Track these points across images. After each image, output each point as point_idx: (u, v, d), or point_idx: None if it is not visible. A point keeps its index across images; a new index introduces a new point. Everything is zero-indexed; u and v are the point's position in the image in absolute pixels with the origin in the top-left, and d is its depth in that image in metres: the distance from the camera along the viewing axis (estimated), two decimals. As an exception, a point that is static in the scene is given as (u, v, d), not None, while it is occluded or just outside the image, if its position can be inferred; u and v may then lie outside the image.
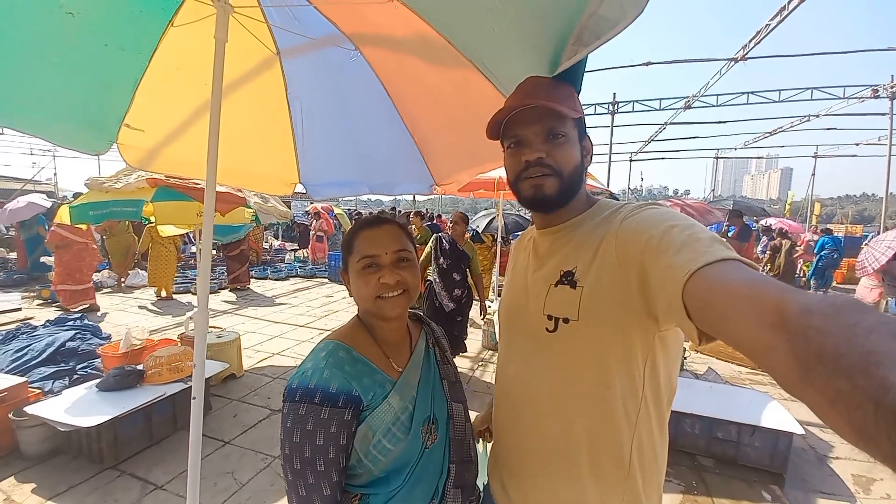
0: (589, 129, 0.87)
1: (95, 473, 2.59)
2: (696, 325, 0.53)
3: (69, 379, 3.58)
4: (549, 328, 0.79)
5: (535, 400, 0.84)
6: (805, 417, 3.07)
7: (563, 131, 0.79)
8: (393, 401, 0.81)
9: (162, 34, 1.36)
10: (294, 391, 0.76)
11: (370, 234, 0.86)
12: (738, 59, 10.02)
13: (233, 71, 1.49)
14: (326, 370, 0.77)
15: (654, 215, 0.70)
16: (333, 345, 0.83)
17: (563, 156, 0.79)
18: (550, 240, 0.87)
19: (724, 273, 0.51)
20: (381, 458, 0.79)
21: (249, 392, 3.77)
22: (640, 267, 0.65)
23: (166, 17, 1.32)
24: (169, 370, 3.11)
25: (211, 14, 1.22)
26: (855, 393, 0.31)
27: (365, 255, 0.83)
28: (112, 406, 2.70)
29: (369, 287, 0.82)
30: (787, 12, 7.25)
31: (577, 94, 0.88)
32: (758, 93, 13.66)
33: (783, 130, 16.68)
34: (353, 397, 0.76)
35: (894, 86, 10.83)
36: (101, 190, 3.93)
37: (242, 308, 6.88)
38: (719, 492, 2.56)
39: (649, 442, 0.77)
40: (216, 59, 1.22)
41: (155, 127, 1.68)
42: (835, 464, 2.87)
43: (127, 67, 1.42)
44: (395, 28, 1.31)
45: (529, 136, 0.80)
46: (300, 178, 2.07)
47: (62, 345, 3.93)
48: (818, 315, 0.36)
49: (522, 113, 0.80)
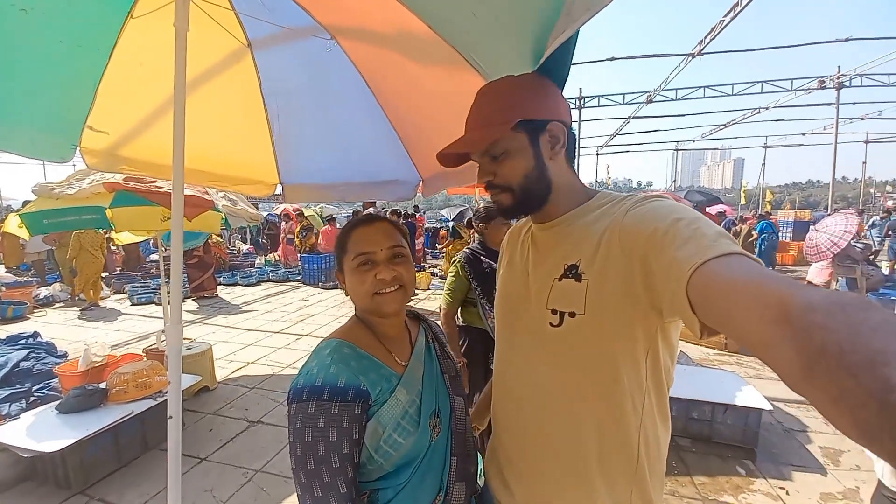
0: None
1: (63, 499, 2.42)
2: (700, 319, 0.53)
3: (26, 401, 3.34)
4: (553, 323, 0.78)
5: (540, 395, 0.82)
6: (771, 394, 3.26)
7: (501, 150, 0.80)
8: (400, 395, 0.81)
9: (121, 27, 1.26)
10: (301, 391, 0.75)
11: (363, 232, 0.86)
12: (694, 55, 10.46)
13: (200, 64, 1.40)
14: (333, 366, 0.77)
15: (659, 208, 0.69)
16: (337, 342, 0.82)
17: (507, 172, 0.81)
18: (550, 233, 0.86)
19: (729, 267, 0.51)
20: (393, 453, 0.78)
21: (225, 404, 3.62)
22: (644, 259, 0.65)
23: (125, 8, 1.22)
24: (135, 387, 2.94)
25: (171, 1, 1.13)
26: (859, 391, 0.30)
27: (360, 253, 0.83)
28: (75, 428, 2.53)
29: (366, 284, 0.82)
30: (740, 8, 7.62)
31: (555, 82, 0.86)
32: (713, 87, 14.36)
33: (736, 123, 17.61)
34: (361, 391, 0.76)
35: (840, 76, 11.60)
36: (52, 196, 3.63)
37: (211, 317, 6.59)
38: (697, 469, 2.67)
39: (654, 434, 0.78)
40: (177, 49, 1.13)
41: (119, 128, 1.57)
42: (801, 437, 3.05)
43: (86, 65, 1.32)
44: (373, 15, 1.26)
45: (478, 160, 0.85)
46: (280, 179, 1.99)
47: (15, 365, 3.66)
48: (822, 312, 0.36)
49: (458, 146, 0.84)
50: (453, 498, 0.84)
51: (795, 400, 3.59)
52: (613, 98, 15.75)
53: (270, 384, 4.03)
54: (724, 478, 2.59)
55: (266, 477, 2.63)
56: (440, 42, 1.16)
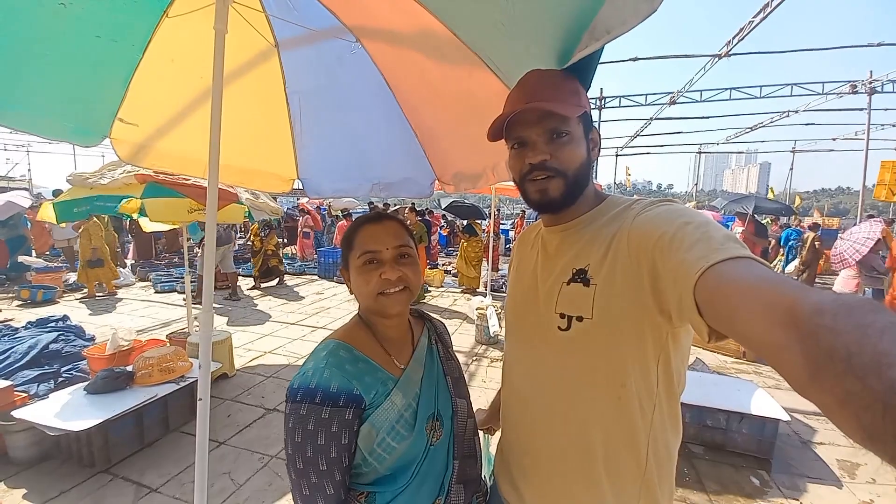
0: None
1: (87, 478, 2.53)
2: (707, 323, 0.53)
3: (54, 382, 3.49)
4: (561, 326, 0.78)
5: (547, 398, 0.83)
6: (789, 404, 3.19)
7: (567, 130, 0.77)
8: (396, 398, 0.81)
9: (156, 25, 1.32)
10: (296, 391, 0.75)
11: (370, 230, 0.85)
12: (721, 56, 10.18)
13: (229, 63, 1.45)
14: (327, 370, 0.77)
15: (668, 212, 0.69)
16: (334, 344, 0.82)
17: (567, 156, 0.77)
18: (560, 237, 0.85)
19: (737, 270, 0.51)
20: (387, 457, 0.78)
21: (242, 391, 3.73)
22: (652, 263, 0.65)
23: (161, 8, 1.28)
24: (160, 371, 3.05)
25: (209, 4, 1.18)
26: (865, 393, 0.31)
27: (366, 251, 0.83)
28: (101, 409, 2.64)
29: (370, 284, 0.82)
30: (769, 9, 7.39)
31: (583, 87, 0.86)
32: (740, 88, 13.94)
33: (763, 126, 17.06)
34: (354, 396, 0.76)
35: (873, 81, 11.14)
36: (85, 186, 3.80)
37: (230, 307, 6.77)
38: (709, 477, 2.63)
39: (664, 439, 0.77)
40: (216, 51, 1.18)
41: (148, 121, 1.63)
42: (819, 449, 2.97)
43: (120, 60, 1.37)
44: (399, 20, 1.29)
45: (532, 136, 0.78)
46: (298, 175, 2.04)
47: (45, 347, 3.81)
48: (830, 314, 0.36)
49: (524, 112, 0.77)
50: (452, 500, 0.85)
51: (814, 411, 3.49)
52: (635, 98, 15.46)
53: (286, 374, 4.13)
54: (737, 487, 2.55)
55: (280, 463, 2.71)
56: (460, 45, 1.18)
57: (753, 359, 4.67)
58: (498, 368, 4.31)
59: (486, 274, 7.64)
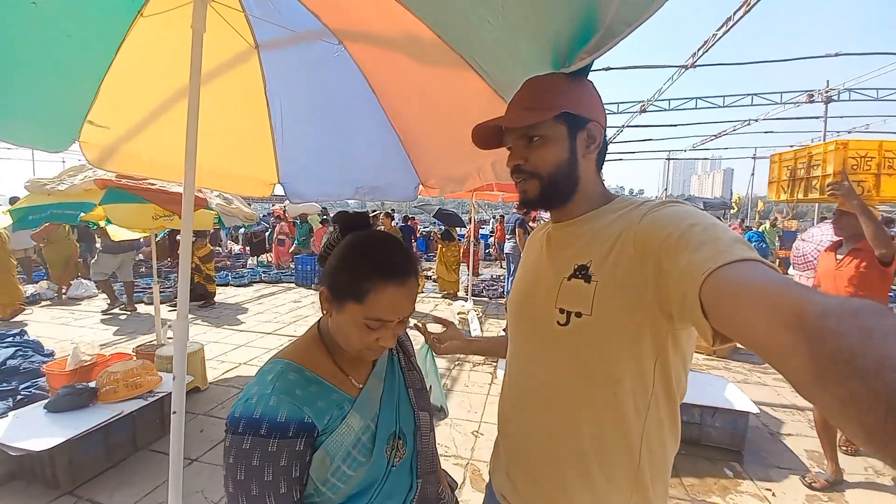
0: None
1: (52, 499, 2.38)
2: (712, 325, 0.53)
3: (13, 400, 3.27)
4: (560, 321, 0.78)
5: (542, 392, 0.83)
6: (757, 398, 3.32)
7: (538, 133, 0.80)
8: (352, 421, 0.76)
9: (130, 24, 1.27)
10: (237, 421, 0.67)
11: (393, 295, 0.73)
12: (688, 66, 10.64)
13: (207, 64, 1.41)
14: (273, 396, 0.69)
15: (676, 213, 0.69)
16: (282, 366, 0.75)
17: (538, 159, 0.80)
18: (564, 233, 0.86)
19: (743, 273, 0.51)
20: (342, 486, 0.73)
21: (216, 405, 3.58)
22: (657, 263, 0.65)
23: (135, 7, 1.23)
24: (126, 386, 2.89)
25: (186, 3, 1.15)
26: (868, 395, 0.31)
27: (378, 318, 0.73)
28: (64, 427, 2.48)
29: (364, 341, 0.75)
30: (732, 23, 7.79)
31: (578, 80, 0.84)
32: (705, 98, 14.62)
33: (726, 133, 17.91)
34: (305, 424, 0.69)
35: (829, 90, 11.85)
36: (43, 192, 3.59)
37: (202, 317, 6.52)
38: (687, 471, 2.71)
39: (658, 439, 0.78)
40: (194, 51, 1.15)
41: (120, 124, 1.57)
42: (787, 440, 3.11)
43: (91, 60, 1.32)
44: (383, 23, 1.28)
45: (510, 142, 0.85)
46: (279, 179, 1.99)
47: (2, 363, 3.59)
48: (834, 317, 0.36)
49: (499, 121, 0.83)
50: None
51: (781, 404, 3.66)
52: (608, 107, 15.86)
53: (263, 385, 4.00)
54: (713, 479, 2.64)
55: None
56: (445, 48, 1.18)
57: (724, 355, 4.86)
58: (480, 373, 4.32)
59: (466, 279, 7.66)
